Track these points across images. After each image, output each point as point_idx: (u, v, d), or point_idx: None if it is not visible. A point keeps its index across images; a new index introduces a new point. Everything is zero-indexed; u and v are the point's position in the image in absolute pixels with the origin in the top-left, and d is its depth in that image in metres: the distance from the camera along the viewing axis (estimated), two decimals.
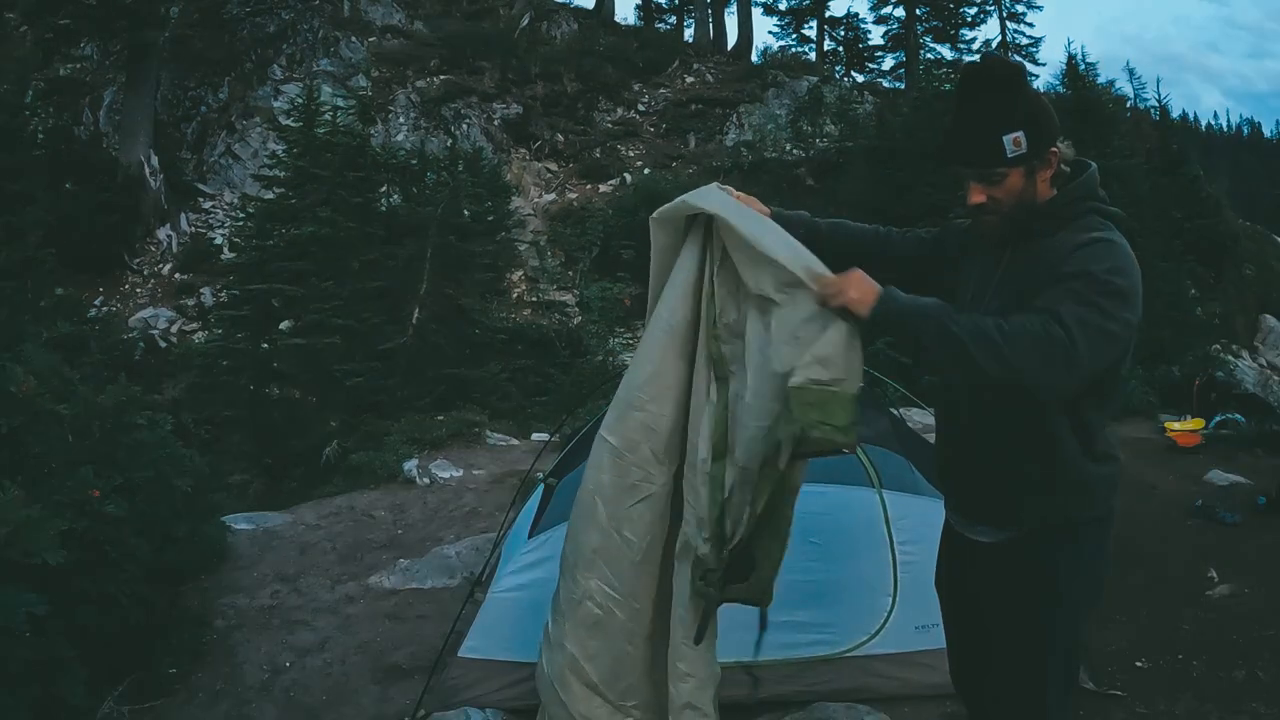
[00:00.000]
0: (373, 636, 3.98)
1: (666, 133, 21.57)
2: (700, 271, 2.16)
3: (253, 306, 11.30)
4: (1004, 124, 1.84)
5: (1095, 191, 1.92)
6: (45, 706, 2.73)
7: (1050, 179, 1.91)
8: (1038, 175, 1.89)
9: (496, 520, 5.21)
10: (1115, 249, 1.81)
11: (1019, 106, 1.85)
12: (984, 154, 1.87)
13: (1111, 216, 1.91)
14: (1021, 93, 1.88)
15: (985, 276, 1.97)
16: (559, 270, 16.83)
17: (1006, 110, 1.85)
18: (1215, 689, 3.31)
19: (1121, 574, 4.46)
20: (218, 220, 17.37)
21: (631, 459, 2.21)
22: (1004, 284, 1.92)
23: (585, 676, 2.27)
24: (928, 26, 28.88)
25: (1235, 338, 17.24)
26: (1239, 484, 5.91)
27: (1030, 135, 1.84)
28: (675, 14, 31.85)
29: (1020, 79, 1.90)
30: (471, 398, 10.33)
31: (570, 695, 2.28)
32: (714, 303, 2.12)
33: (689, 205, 2.16)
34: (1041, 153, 1.87)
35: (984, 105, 1.87)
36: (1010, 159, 1.85)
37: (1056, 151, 1.89)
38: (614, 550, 2.24)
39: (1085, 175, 1.92)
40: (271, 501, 7.76)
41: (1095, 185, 1.93)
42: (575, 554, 2.32)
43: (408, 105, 19.74)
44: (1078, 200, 1.90)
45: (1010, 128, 1.84)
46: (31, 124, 14.31)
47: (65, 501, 3.04)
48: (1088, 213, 1.89)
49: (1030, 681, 1.97)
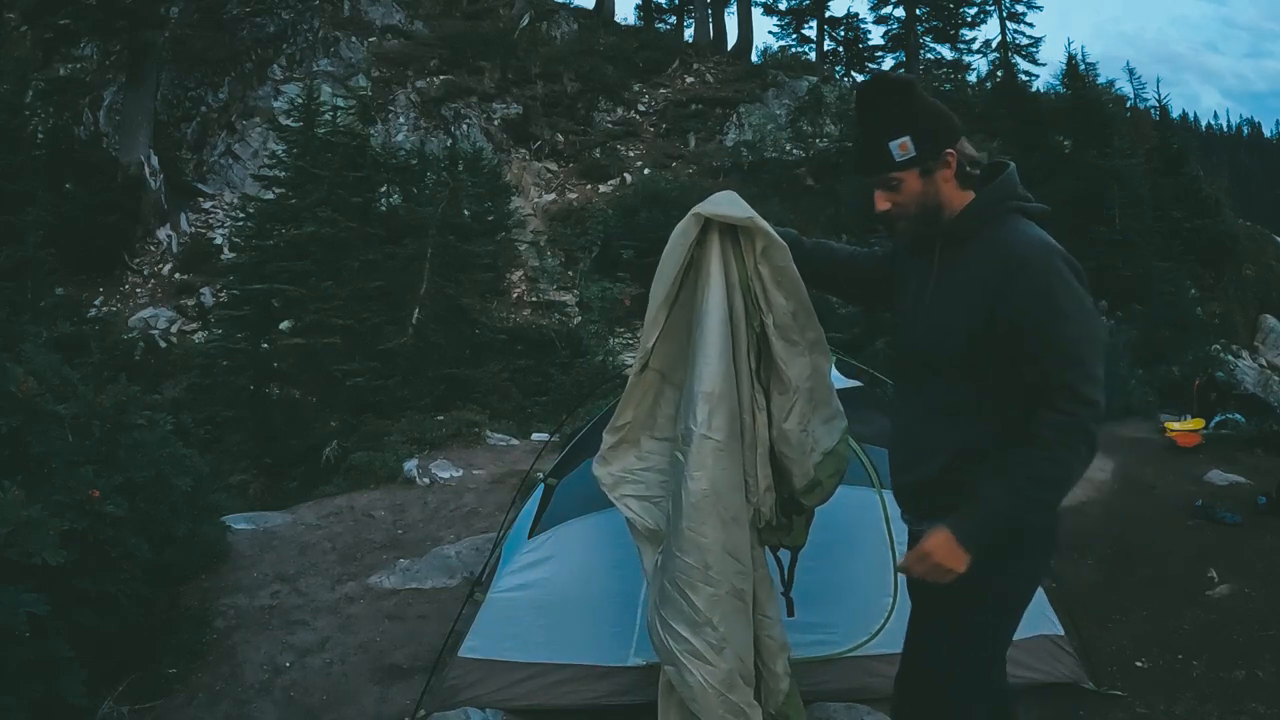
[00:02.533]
0: (373, 636, 3.98)
1: (666, 133, 21.57)
2: (733, 267, 2.30)
3: (253, 306, 11.30)
4: (889, 131, 1.92)
5: (1014, 191, 1.95)
6: (45, 706, 2.73)
7: (958, 180, 1.95)
8: (936, 176, 1.93)
9: (496, 520, 5.21)
10: (1042, 258, 1.84)
11: (903, 113, 1.92)
12: (875, 162, 1.96)
13: (1034, 214, 1.95)
14: (906, 100, 1.93)
15: (922, 282, 2.03)
16: (559, 270, 16.83)
17: (891, 118, 1.92)
18: (1215, 689, 3.31)
19: (1121, 574, 4.46)
20: (218, 220, 17.37)
21: (734, 448, 2.30)
22: (939, 289, 1.98)
23: (745, 669, 2.35)
24: (928, 26, 28.90)
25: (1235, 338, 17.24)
26: (1239, 484, 5.92)
27: (917, 139, 1.91)
28: (675, 14, 31.86)
29: (904, 88, 1.95)
30: (471, 398, 10.33)
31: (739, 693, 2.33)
32: (755, 297, 2.28)
33: (731, 217, 2.25)
34: (933, 155, 1.92)
35: (872, 117, 1.97)
36: (899, 163, 1.92)
37: (953, 153, 1.92)
38: (740, 539, 2.32)
39: (1001, 177, 1.95)
40: (271, 501, 7.76)
41: (1014, 185, 1.95)
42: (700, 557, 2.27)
43: (408, 105, 19.74)
44: (995, 202, 1.93)
45: (896, 134, 1.91)
46: (31, 124, 14.34)
47: (65, 501, 3.04)
48: (1009, 213, 1.93)
49: (939, 678, 1.98)
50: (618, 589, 3.18)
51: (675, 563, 2.29)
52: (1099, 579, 4.41)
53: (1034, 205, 1.97)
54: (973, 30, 28.68)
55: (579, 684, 3.16)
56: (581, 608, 3.21)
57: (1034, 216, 1.95)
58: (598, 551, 3.25)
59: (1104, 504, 5.71)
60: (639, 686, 3.08)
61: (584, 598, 3.21)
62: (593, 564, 3.23)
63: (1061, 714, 3.14)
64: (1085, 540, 4.93)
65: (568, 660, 3.18)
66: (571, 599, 3.22)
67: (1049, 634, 3.27)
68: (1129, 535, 5.02)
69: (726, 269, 2.29)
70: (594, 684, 3.16)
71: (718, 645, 2.29)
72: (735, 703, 2.31)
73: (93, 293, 15.75)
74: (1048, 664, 3.24)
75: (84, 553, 3.08)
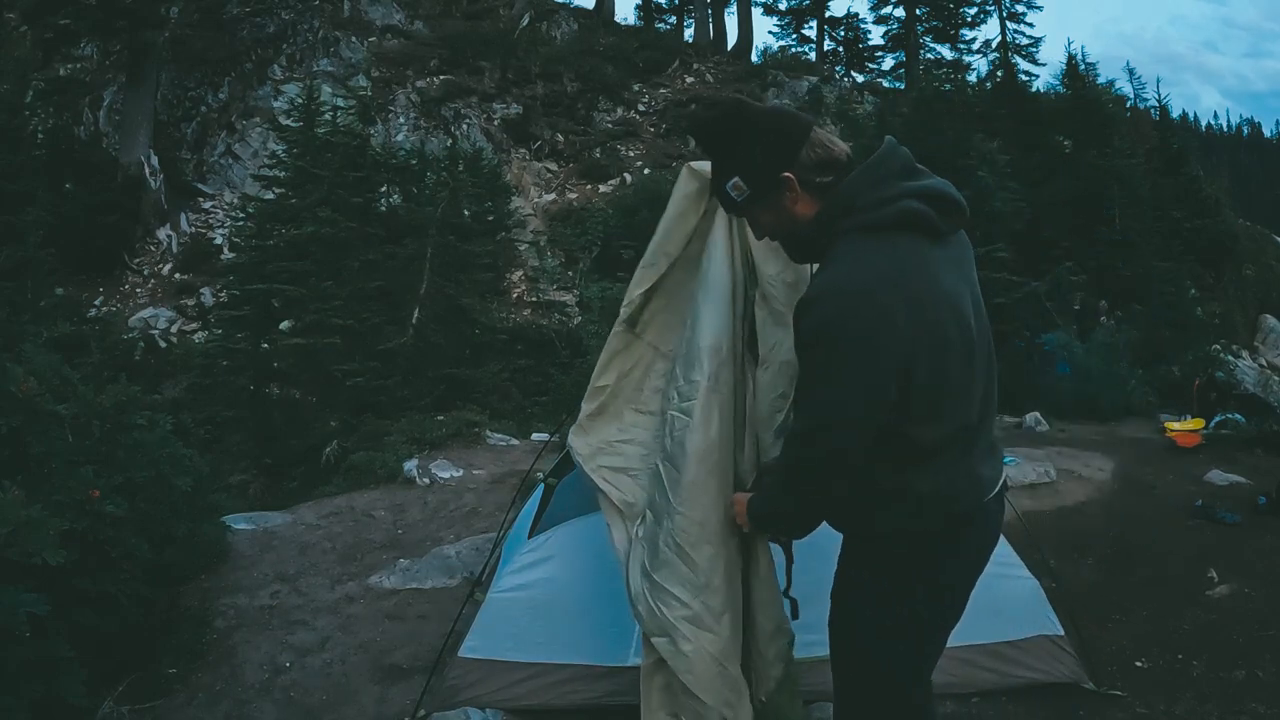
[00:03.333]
0: (373, 636, 3.97)
1: (666, 133, 21.58)
2: (734, 235, 2.32)
3: (253, 306, 11.31)
4: (722, 172, 1.88)
5: (851, 204, 1.73)
6: (45, 706, 2.73)
7: (808, 195, 1.80)
8: (785, 204, 1.82)
9: (496, 520, 5.21)
10: (813, 307, 1.68)
11: (729, 151, 1.85)
12: (724, 201, 1.93)
13: (876, 226, 1.71)
14: (730, 136, 1.84)
15: None
16: (559, 270, 16.82)
17: (719, 158, 1.88)
18: (1215, 689, 3.31)
19: (1121, 574, 4.46)
20: (218, 220, 17.38)
21: (732, 411, 2.30)
22: None
23: (737, 645, 2.30)
24: (928, 26, 28.93)
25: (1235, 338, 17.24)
26: (1239, 484, 5.92)
27: (747, 176, 1.83)
28: (675, 14, 31.89)
29: (721, 122, 1.85)
30: (471, 398, 10.33)
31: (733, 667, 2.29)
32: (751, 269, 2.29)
33: None
34: (769, 186, 1.81)
35: (708, 155, 1.92)
36: (740, 204, 1.88)
37: (790, 178, 1.78)
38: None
39: (834, 197, 1.77)
40: (271, 501, 7.76)
41: (852, 198, 1.74)
42: (703, 513, 2.21)
43: (408, 105, 19.75)
44: (828, 223, 1.77)
45: (728, 175, 1.86)
46: (31, 124, 14.34)
47: (65, 501, 3.03)
48: (845, 232, 1.73)
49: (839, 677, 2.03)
50: (618, 589, 3.15)
51: (676, 520, 2.20)
52: (1099, 579, 4.41)
53: (882, 215, 1.71)
54: (973, 30, 28.77)
55: (579, 684, 3.16)
56: (582, 607, 3.21)
57: (884, 227, 1.70)
58: (598, 551, 3.24)
59: (1104, 504, 5.71)
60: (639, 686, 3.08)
61: (584, 597, 3.21)
62: (593, 564, 3.23)
63: (1061, 714, 3.14)
64: (1085, 540, 4.93)
65: (568, 660, 3.17)
66: (572, 599, 3.22)
67: (1049, 634, 3.27)
68: (1129, 535, 5.02)
69: (730, 237, 2.29)
70: (594, 684, 3.15)
71: (718, 611, 2.21)
72: (734, 676, 2.24)
73: (93, 293, 15.76)
74: (1048, 664, 3.24)
75: (84, 553, 3.08)
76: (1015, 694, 3.19)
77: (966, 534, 1.87)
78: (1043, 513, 5.45)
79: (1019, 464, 6.10)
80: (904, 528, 1.82)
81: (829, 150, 1.81)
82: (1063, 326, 11.38)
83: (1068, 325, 11.50)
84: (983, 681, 3.19)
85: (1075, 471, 6.35)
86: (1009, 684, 3.21)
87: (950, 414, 1.76)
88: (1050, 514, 5.48)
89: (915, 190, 1.74)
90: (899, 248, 1.69)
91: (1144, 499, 5.79)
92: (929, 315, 1.67)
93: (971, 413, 1.80)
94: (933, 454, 1.78)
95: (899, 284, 1.65)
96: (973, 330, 1.77)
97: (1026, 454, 6.56)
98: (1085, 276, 13.35)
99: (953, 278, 1.75)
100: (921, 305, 1.66)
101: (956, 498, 1.82)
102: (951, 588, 1.91)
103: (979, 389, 1.81)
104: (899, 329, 1.63)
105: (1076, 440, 7.68)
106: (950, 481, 1.81)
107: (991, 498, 1.88)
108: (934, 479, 1.79)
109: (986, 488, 1.86)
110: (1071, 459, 6.69)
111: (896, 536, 1.84)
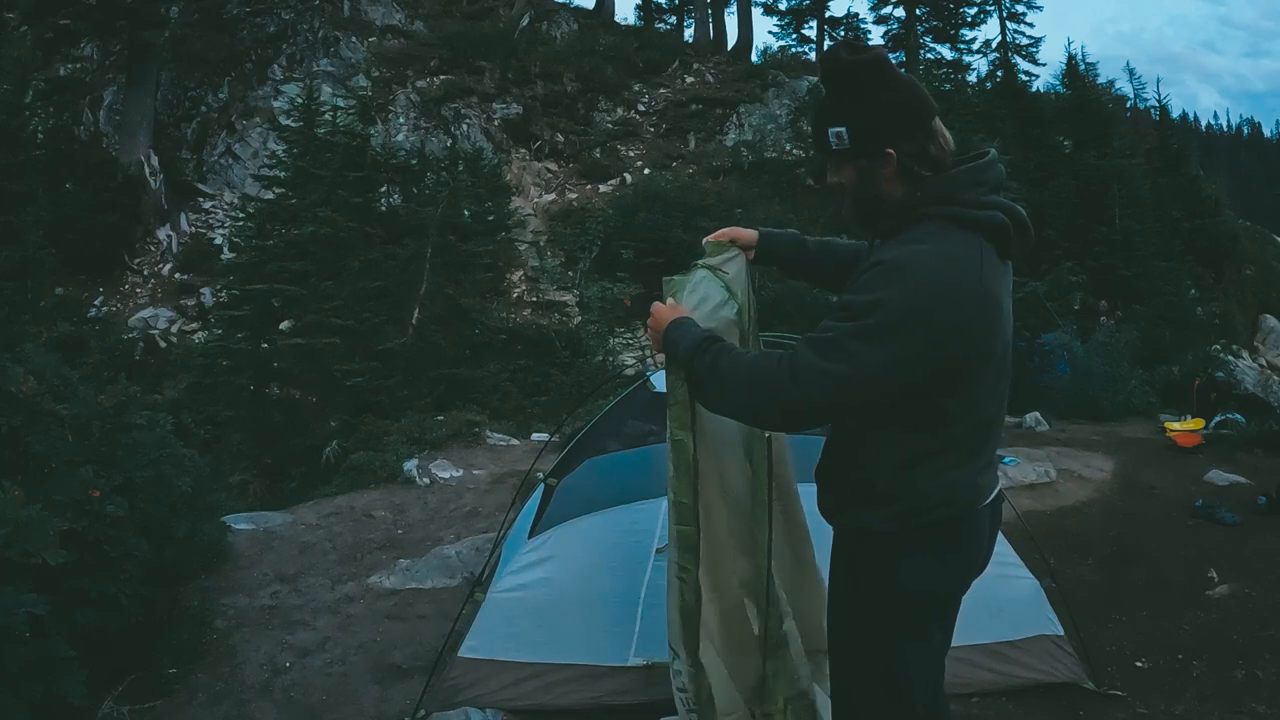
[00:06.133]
0: (373, 636, 3.97)
1: (666, 133, 21.58)
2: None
3: (253, 306, 11.30)
4: (830, 116, 1.82)
5: (951, 194, 1.74)
6: (45, 706, 2.72)
7: (900, 179, 1.79)
8: (876, 173, 1.80)
9: (496, 520, 5.21)
10: (899, 273, 1.64)
11: (848, 101, 1.79)
12: (819, 141, 1.87)
13: (971, 222, 1.72)
14: (856, 87, 1.78)
15: None
16: (559, 270, 16.82)
17: (831, 104, 1.83)
18: (1215, 689, 3.31)
19: (1122, 574, 4.46)
20: (218, 220, 17.37)
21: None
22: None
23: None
24: (928, 26, 28.94)
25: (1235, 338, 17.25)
26: (1239, 484, 5.92)
27: (853, 133, 1.79)
28: (675, 14, 31.89)
29: (855, 74, 1.79)
30: (471, 398, 10.34)
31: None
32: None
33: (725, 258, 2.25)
34: (868, 152, 1.79)
35: (826, 91, 1.85)
36: (834, 152, 1.83)
37: (893, 154, 1.77)
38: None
39: (939, 178, 1.77)
40: (271, 501, 7.76)
41: (952, 188, 1.74)
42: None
43: (408, 105, 19.74)
44: (920, 204, 1.75)
45: (834, 121, 1.81)
46: (31, 124, 14.34)
47: (65, 501, 3.03)
48: (934, 217, 1.72)
49: (835, 676, 2.00)
50: (618, 589, 3.18)
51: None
52: (1099, 579, 4.41)
53: (977, 213, 1.73)
54: (973, 30, 28.77)
55: (579, 684, 3.16)
56: (581, 608, 3.21)
57: (979, 226, 1.72)
58: (598, 551, 3.25)
59: (1104, 504, 5.72)
60: (639, 686, 3.08)
61: (584, 598, 3.21)
62: (593, 564, 3.23)
63: (1061, 714, 3.14)
64: (1085, 540, 4.93)
65: (568, 660, 3.17)
66: (571, 599, 3.21)
67: (1049, 634, 3.27)
68: (1129, 535, 5.02)
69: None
70: (594, 684, 3.15)
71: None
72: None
73: (93, 293, 15.74)
74: (1048, 664, 3.25)
75: (84, 553, 3.08)
76: (1015, 694, 3.20)
77: (961, 538, 1.87)
78: (1043, 513, 5.46)
79: (1019, 464, 6.10)
80: (902, 527, 1.82)
81: (940, 146, 1.80)
82: (1063, 326, 11.39)
83: (1068, 325, 11.50)
84: (983, 681, 3.19)
85: (1075, 471, 6.36)
86: (1009, 684, 3.21)
87: (965, 419, 1.78)
88: (1050, 514, 5.48)
89: (1005, 206, 1.78)
90: (981, 249, 1.72)
91: (1144, 499, 5.79)
92: (989, 319, 1.70)
93: (984, 424, 1.83)
94: (935, 454, 1.79)
95: (980, 280, 1.68)
96: (1009, 349, 1.81)
97: (1026, 454, 6.56)
98: (1085, 276, 13.36)
99: (1007, 295, 1.80)
100: (987, 308, 1.69)
101: (952, 501, 1.83)
102: (950, 591, 1.92)
103: (995, 406, 1.84)
104: (964, 320, 1.65)
105: (1076, 440, 7.69)
106: (949, 484, 1.81)
107: (987, 504, 1.89)
108: (933, 480, 1.80)
109: (983, 494, 1.88)
110: (1071, 459, 6.69)
111: (892, 536, 1.84)
